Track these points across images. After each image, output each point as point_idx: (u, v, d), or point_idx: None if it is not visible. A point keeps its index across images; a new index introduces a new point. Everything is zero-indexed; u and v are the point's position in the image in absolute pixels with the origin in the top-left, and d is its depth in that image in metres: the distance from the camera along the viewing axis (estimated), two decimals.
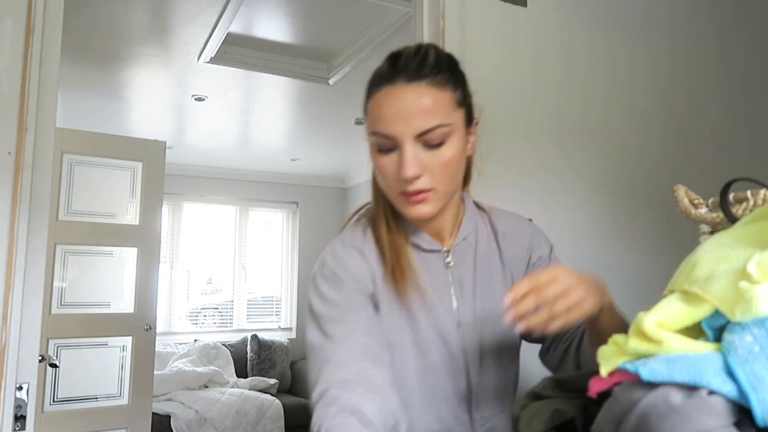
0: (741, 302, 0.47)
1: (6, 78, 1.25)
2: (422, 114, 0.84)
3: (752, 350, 0.45)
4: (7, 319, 1.21)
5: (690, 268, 0.56)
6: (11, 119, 1.24)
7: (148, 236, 3.18)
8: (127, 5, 2.65)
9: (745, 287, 0.47)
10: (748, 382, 0.44)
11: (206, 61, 3.21)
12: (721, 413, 0.45)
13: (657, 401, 0.46)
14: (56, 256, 2.93)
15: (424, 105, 0.84)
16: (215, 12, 2.72)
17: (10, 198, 1.23)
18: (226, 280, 6.01)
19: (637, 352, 0.52)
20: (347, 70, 3.34)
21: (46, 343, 2.87)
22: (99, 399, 3.01)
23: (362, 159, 5.84)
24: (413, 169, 0.84)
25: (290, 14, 2.88)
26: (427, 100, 0.85)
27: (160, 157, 3.27)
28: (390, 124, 0.85)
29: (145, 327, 3.12)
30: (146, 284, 3.15)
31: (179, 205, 5.79)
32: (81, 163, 3.05)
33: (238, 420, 4.53)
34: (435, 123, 0.84)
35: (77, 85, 3.61)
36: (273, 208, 6.26)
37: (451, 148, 0.87)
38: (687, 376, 0.46)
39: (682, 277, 0.56)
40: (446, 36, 1.62)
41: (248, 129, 4.68)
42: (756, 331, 0.45)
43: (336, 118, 4.32)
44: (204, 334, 5.72)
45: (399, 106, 0.85)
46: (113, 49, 3.10)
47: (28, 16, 1.28)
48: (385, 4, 2.62)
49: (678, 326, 0.51)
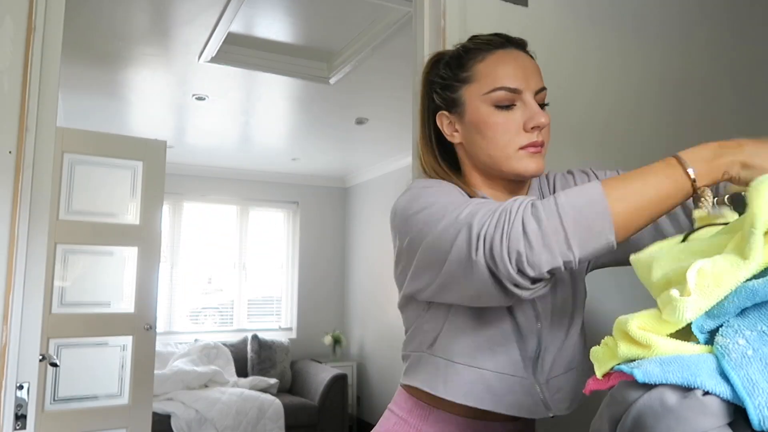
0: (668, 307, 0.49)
1: (7, 77, 1.25)
2: (537, 74, 0.96)
3: (745, 354, 0.45)
4: (8, 318, 1.21)
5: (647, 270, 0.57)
6: (12, 118, 1.24)
7: (149, 236, 3.18)
8: (127, 5, 2.65)
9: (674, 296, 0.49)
10: (744, 387, 0.44)
11: (207, 60, 3.21)
12: (717, 414, 0.45)
13: (652, 402, 0.47)
14: (57, 255, 2.93)
15: (536, 66, 0.96)
16: (216, 11, 2.72)
17: (11, 197, 1.23)
18: (226, 280, 6.02)
19: (627, 357, 0.52)
20: (348, 70, 3.34)
21: (47, 342, 2.87)
22: (99, 398, 3.01)
23: (362, 159, 5.87)
24: (545, 116, 0.93)
25: (291, 14, 2.88)
26: (535, 64, 0.97)
27: (161, 157, 3.27)
28: (515, 79, 0.93)
29: (145, 326, 3.12)
30: (146, 284, 3.15)
31: (180, 204, 5.79)
32: (81, 163, 3.05)
33: (238, 420, 4.53)
34: (543, 84, 0.96)
35: (78, 84, 3.62)
36: (273, 207, 6.27)
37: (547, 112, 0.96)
38: (681, 378, 0.46)
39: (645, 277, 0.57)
40: (447, 36, 1.62)
41: (249, 128, 4.68)
42: (748, 334, 0.46)
43: (336, 118, 4.32)
44: (204, 333, 5.73)
45: (521, 65, 0.94)
46: (114, 49, 3.10)
47: (29, 16, 1.28)
48: (385, 4, 2.63)
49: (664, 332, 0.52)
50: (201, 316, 5.92)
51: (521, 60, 0.95)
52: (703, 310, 0.50)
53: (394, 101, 3.78)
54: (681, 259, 0.55)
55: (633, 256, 0.62)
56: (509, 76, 0.93)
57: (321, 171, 6.08)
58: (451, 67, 0.99)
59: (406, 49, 2.44)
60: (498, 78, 0.93)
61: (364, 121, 4.36)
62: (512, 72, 0.93)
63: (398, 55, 3.10)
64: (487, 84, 0.94)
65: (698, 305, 0.49)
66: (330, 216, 6.35)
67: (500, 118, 0.93)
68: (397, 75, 3.36)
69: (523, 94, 0.93)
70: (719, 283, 0.49)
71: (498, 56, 0.94)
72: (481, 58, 0.95)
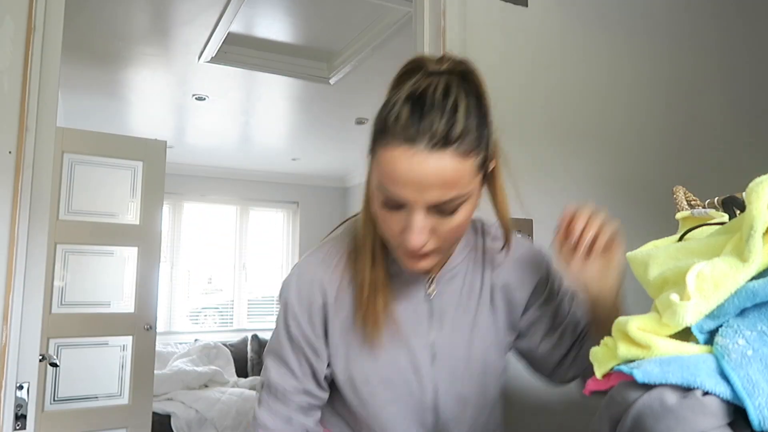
0: (668, 312, 0.49)
1: (7, 77, 1.25)
2: (441, 186, 0.75)
3: (745, 354, 0.45)
4: (8, 318, 1.21)
5: (643, 267, 0.57)
6: (12, 118, 1.24)
7: (149, 236, 3.18)
8: (127, 5, 2.65)
9: (674, 301, 0.49)
10: (743, 388, 0.44)
11: (207, 60, 3.21)
12: (716, 414, 0.45)
13: (652, 402, 0.47)
14: (56, 255, 2.93)
15: (444, 178, 0.75)
16: (216, 11, 2.72)
17: (11, 197, 1.23)
18: (226, 280, 6.02)
19: (627, 358, 0.52)
20: (348, 70, 3.34)
21: (47, 342, 2.87)
22: (99, 398, 3.01)
23: (362, 159, 5.82)
24: (420, 238, 0.78)
25: (291, 14, 2.88)
26: (449, 172, 0.75)
27: (161, 157, 3.27)
28: (403, 189, 0.76)
29: (145, 326, 3.12)
30: (146, 284, 3.15)
31: (179, 204, 5.79)
32: (81, 163, 3.05)
33: (238, 419, 4.53)
34: (453, 195, 0.76)
35: (78, 84, 3.62)
36: (273, 207, 6.27)
37: (464, 213, 0.80)
38: (680, 378, 0.46)
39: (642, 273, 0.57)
40: (447, 36, 1.62)
41: (249, 129, 4.68)
42: (748, 334, 0.45)
43: (336, 118, 4.32)
44: (204, 333, 5.73)
45: (416, 175, 0.74)
46: (114, 49, 3.10)
47: (29, 16, 1.28)
48: (385, 4, 2.63)
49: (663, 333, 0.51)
50: (201, 316, 5.92)
51: (422, 170, 0.74)
52: (703, 314, 0.50)
53: None
54: (678, 258, 0.55)
55: (629, 254, 0.62)
56: (397, 184, 0.76)
57: (321, 171, 6.08)
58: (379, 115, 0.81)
59: (406, 49, 2.43)
60: (385, 179, 0.77)
61: (364, 121, 4.36)
62: (402, 180, 0.75)
63: (398, 55, 3.07)
64: (377, 176, 0.79)
65: (698, 309, 0.49)
66: (330, 216, 6.35)
67: (386, 214, 0.80)
68: None
69: (410, 205, 0.77)
70: (719, 287, 0.49)
71: (396, 154, 0.75)
72: (384, 144, 0.77)
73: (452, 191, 0.76)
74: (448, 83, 0.78)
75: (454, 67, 0.82)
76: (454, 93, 0.77)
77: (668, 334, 0.51)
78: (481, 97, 0.83)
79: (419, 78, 0.80)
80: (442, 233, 0.80)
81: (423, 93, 0.77)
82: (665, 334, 0.51)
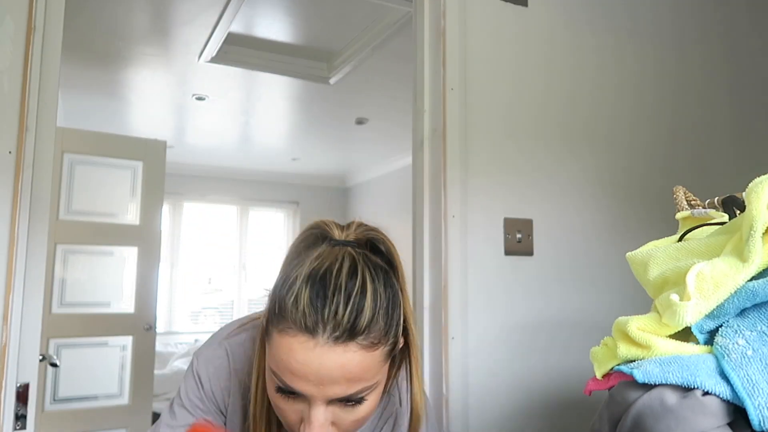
0: (668, 312, 0.49)
1: (7, 77, 1.25)
2: (344, 381, 0.66)
3: (745, 354, 0.45)
4: (8, 318, 1.21)
5: (642, 267, 0.57)
6: (12, 118, 1.24)
7: (149, 236, 3.18)
8: (128, 5, 2.65)
9: (674, 301, 0.49)
10: (744, 388, 0.44)
11: (207, 60, 3.21)
12: (716, 414, 0.45)
13: (652, 402, 0.47)
14: (56, 255, 2.93)
15: (349, 372, 0.66)
16: (216, 11, 2.72)
17: (11, 198, 1.23)
18: (226, 280, 6.01)
19: (627, 358, 0.52)
20: (348, 70, 3.34)
21: (47, 342, 2.87)
22: (99, 398, 3.01)
23: (362, 159, 5.88)
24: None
25: (291, 14, 2.88)
26: (354, 366, 0.66)
27: (161, 157, 3.27)
28: (300, 383, 0.66)
29: (145, 327, 3.12)
30: (146, 284, 3.15)
31: (179, 204, 5.79)
32: (81, 163, 3.05)
33: None
34: (357, 389, 0.68)
35: (78, 84, 3.62)
36: (273, 207, 6.27)
37: (371, 402, 0.71)
38: (680, 378, 0.46)
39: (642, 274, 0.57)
40: (447, 36, 1.62)
41: (249, 129, 4.68)
42: (748, 334, 0.45)
43: (336, 118, 4.32)
44: (204, 333, 5.72)
45: (316, 369, 0.65)
46: (114, 49, 3.10)
47: (29, 16, 1.28)
48: (385, 4, 2.63)
49: (663, 334, 0.51)
50: (201, 316, 5.92)
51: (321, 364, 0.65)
52: (703, 314, 0.50)
53: (394, 101, 3.78)
54: (678, 258, 0.55)
55: (629, 254, 0.62)
56: (293, 377, 0.66)
57: (321, 171, 6.08)
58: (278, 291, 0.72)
59: (406, 49, 2.44)
60: (278, 367, 0.68)
61: (364, 121, 4.36)
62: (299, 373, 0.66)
63: (398, 55, 3.10)
64: (274, 363, 0.69)
65: (698, 309, 0.49)
66: (330, 216, 6.29)
67: (281, 401, 0.71)
68: (397, 75, 3.36)
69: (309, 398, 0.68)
70: (719, 286, 0.49)
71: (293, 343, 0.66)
72: (281, 328, 0.67)
73: (357, 385, 0.68)
74: (354, 260, 0.70)
75: (361, 236, 0.75)
76: (360, 273, 0.69)
77: (668, 334, 0.51)
78: (393, 270, 0.75)
79: (322, 252, 0.71)
80: (344, 425, 0.71)
81: (326, 273, 0.68)
82: (665, 334, 0.51)
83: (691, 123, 2.02)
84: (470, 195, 1.60)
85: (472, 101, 1.64)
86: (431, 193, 1.60)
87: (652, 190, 1.88)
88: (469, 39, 1.66)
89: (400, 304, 0.73)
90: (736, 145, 2.09)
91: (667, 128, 1.97)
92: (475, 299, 1.57)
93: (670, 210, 1.00)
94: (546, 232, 1.70)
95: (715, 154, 2.04)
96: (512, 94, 1.72)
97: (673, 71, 2.02)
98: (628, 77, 1.93)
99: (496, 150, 1.66)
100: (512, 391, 1.60)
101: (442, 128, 1.58)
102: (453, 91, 1.60)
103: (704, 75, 2.08)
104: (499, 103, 1.69)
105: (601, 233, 1.80)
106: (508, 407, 1.59)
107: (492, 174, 1.65)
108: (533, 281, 1.66)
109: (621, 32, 1.94)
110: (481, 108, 1.65)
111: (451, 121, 1.59)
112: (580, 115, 1.82)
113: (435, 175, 1.59)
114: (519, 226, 1.66)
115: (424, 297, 1.57)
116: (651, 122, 1.94)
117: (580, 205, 1.78)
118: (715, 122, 2.07)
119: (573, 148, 1.80)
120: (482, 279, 1.58)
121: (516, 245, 1.64)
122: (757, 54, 2.18)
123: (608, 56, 1.90)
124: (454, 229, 1.55)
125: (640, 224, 1.85)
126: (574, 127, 1.81)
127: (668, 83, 2.00)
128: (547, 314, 1.67)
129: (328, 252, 0.71)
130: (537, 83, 1.76)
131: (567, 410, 1.66)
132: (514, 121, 1.71)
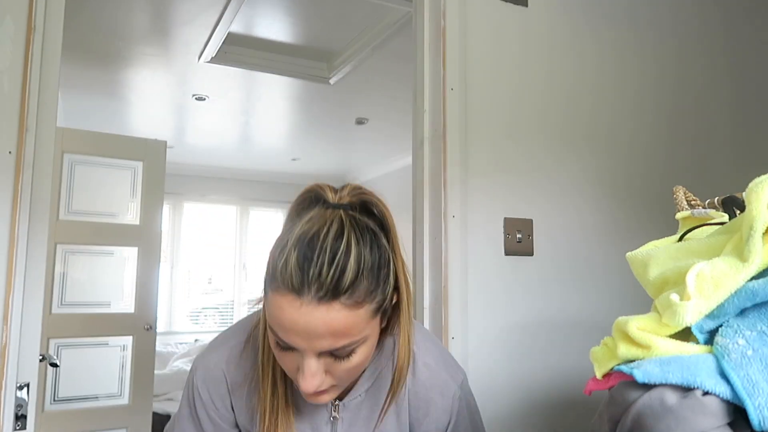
0: (668, 312, 0.49)
1: (7, 77, 1.25)
2: (330, 336, 0.71)
3: (745, 354, 0.45)
4: (8, 318, 1.21)
5: (642, 267, 0.57)
6: (12, 118, 1.24)
7: (149, 236, 3.18)
8: (128, 5, 2.65)
9: (674, 301, 0.49)
10: (743, 388, 0.44)
11: (207, 60, 3.21)
12: (716, 414, 0.45)
13: (652, 402, 0.47)
14: (57, 255, 2.93)
15: (334, 328, 0.70)
16: (216, 11, 2.72)
17: (11, 198, 1.23)
18: (226, 280, 6.02)
19: (627, 358, 0.52)
20: (348, 70, 3.34)
21: (47, 342, 2.87)
22: (99, 398, 3.01)
23: (362, 159, 5.88)
24: (313, 382, 0.74)
25: (291, 14, 2.88)
26: (339, 323, 0.70)
27: (161, 157, 3.27)
28: (291, 337, 0.72)
29: (145, 327, 3.12)
30: (146, 284, 3.15)
31: (180, 204, 5.79)
32: (81, 163, 3.05)
33: None
34: (344, 343, 0.72)
35: (78, 84, 3.62)
36: (273, 207, 6.27)
37: (361, 355, 0.76)
38: (680, 378, 0.46)
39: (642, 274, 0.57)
40: (447, 35, 1.62)
41: (249, 129, 4.68)
42: (748, 334, 0.45)
43: (336, 118, 4.32)
44: (204, 333, 5.73)
45: (303, 326, 0.70)
46: (114, 49, 3.10)
47: (29, 16, 1.28)
48: (385, 4, 2.63)
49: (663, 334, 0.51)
50: (201, 316, 5.92)
51: (308, 321, 0.70)
52: (703, 314, 0.50)
53: (394, 101, 3.78)
54: (678, 258, 0.55)
55: (629, 254, 0.62)
56: (285, 332, 0.72)
57: (321, 171, 6.08)
58: (272, 254, 0.76)
59: (406, 49, 2.44)
60: (274, 323, 0.73)
61: (364, 121, 4.36)
62: (290, 329, 0.71)
63: (398, 55, 3.10)
64: (270, 320, 0.74)
65: (698, 309, 0.49)
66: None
67: (280, 353, 0.77)
68: (397, 75, 3.36)
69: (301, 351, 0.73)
70: (719, 286, 0.49)
71: (282, 302, 0.71)
72: (273, 289, 0.72)
73: (344, 340, 0.72)
74: (343, 222, 0.73)
75: (354, 199, 0.78)
76: (346, 235, 0.72)
77: (668, 334, 0.51)
78: (384, 231, 0.78)
79: (314, 215, 0.75)
80: (337, 373, 0.76)
81: (314, 236, 0.71)
82: (665, 334, 0.51)
83: (691, 123, 2.02)
84: (470, 195, 1.60)
85: (472, 101, 1.64)
86: (431, 193, 1.60)
87: (652, 190, 1.88)
88: (469, 39, 1.66)
89: (388, 263, 0.76)
90: (736, 145, 2.09)
91: (668, 128, 1.97)
92: (475, 299, 1.57)
93: (670, 210, 1.00)
94: (546, 232, 1.70)
95: (715, 154, 2.04)
96: (512, 94, 1.72)
97: (673, 71, 2.02)
98: (628, 77, 1.93)
99: (496, 150, 1.66)
100: (512, 391, 1.60)
101: (442, 128, 1.58)
102: (453, 91, 1.60)
103: (705, 75, 2.08)
104: (499, 104, 1.69)
105: (602, 233, 1.80)
106: (508, 407, 1.59)
107: (492, 174, 1.64)
108: (533, 281, 1.66)
109: (625, 31, 1.94)
110: (481, 108, 1.65)
111: (451, 121, 1.59)
112: (581, 115, 1.82)
113: (435, 175, 1.59)
114: (519, 226, 1.66)
115: (424, 297, 1.57)
116: (651, 122, 1.94)
117: (581, 205, 1.78)
118: (716, 122, 2.07)
119: (573, 148, 1.79)
120: (482, 279, 1.58)
121: (516, 245, 1.64)
122: (757, 54, 2.18)
123: (608, 56, 1.90)
124: (454, 229, 1.55)
125: (640, 224, 1.85)
126: (575, 127, 1.81)
127: (668, 83, 2.00)
128: (547, 314, 1.67)
129: (320, 215, 0.74)
130: (537, 83, 1.76)
131: (567, 410, 1.66)
132: (515, 121, 1.71)
